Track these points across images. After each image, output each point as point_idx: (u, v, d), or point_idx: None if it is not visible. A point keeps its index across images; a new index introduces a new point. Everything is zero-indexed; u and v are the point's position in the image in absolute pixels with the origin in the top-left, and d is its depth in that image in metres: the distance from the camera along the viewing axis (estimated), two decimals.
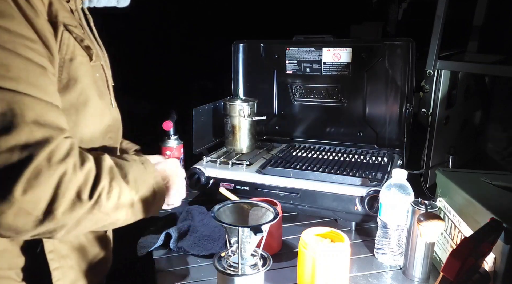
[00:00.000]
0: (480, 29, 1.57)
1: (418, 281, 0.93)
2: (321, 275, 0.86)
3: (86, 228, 0.70)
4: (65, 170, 0.63)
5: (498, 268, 0.76)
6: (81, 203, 0.65)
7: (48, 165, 0.61)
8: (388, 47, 1.35)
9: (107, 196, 0.68)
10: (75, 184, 0.64)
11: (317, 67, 1.46)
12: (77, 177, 0.64)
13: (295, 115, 1.56)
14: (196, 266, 1.01)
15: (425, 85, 1.34)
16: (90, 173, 0.67)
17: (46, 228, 0.63)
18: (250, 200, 0.87)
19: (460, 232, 0.88)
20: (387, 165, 1.29)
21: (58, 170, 0.62)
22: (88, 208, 0.66)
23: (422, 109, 1.35)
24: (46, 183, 0.61)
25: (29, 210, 0.60)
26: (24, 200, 0.59)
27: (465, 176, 0.96)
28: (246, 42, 1.55)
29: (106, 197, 0.68)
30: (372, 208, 1.07)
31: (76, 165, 0.65)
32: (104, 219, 0.70)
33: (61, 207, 0.62)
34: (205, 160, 1.35)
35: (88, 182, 0.66)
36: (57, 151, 0.63)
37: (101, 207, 0.68)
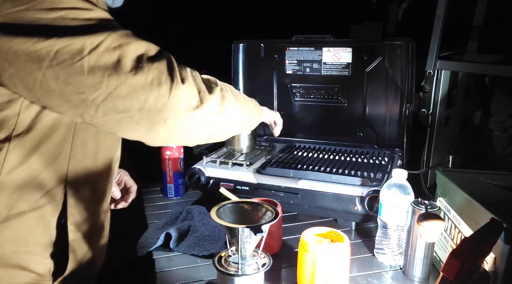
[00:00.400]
0: (480, 29, 1.57)
1: (418, 281, 0.93)
2: (321, 275, 0.86)
3: (227, 114, 0.81)
4: (190, 69, 0.75)
5: (498, 268, 0.76)
6: (214, 88, 0.77)
7: (180, 64, 0.73)
8: (388, 47, 1.35)
9: (225, 88, 0.82)
10: (199, 76, 0.76)
11: (317, 67, 1.46)
12: (197, 73, 0.77)
13: (295, 115, 1.56)
14: (196, 266, 1.01)
15: (425, 85, 1.34)
16: (203, 75, 0.79)
17: (205, 111, 0.74)
18: (250, 200, 0.87)
19: (460, 232, 0.88)
20: (387, 165, 1.28)
21: (187, 68, 0.74)
22: (219, 93, 0.78)
23: (422, 109, 1.36)
24: (188, 75, 0.72)
25: (191, 93, 0.72)
26: (185, 87, 0.70)
27: (465, 176, 0.96)
28: (246, 42, 1.55)
29: (224, 88, 0.81)
30: (372, 208, 1.07)
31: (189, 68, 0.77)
32: (232, 104, 0.82)
33: (206, 93, 0.75)
34: (205, 160, 1.35)
35: (208, 77, 0.80)
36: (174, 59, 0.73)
37: (226, 94, 0.81)
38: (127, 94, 0.66)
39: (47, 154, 0.75)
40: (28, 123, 0.71)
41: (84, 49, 0.64)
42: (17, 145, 0.71)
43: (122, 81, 0.65)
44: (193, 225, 1.13)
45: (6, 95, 0.68)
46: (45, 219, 0.78)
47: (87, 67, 0.64)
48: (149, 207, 1.35)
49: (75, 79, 0.64)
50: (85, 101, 0.66)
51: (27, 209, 0.75)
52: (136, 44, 0.68)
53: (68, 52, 0.63)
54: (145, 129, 0.70)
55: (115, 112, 0.67)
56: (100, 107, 0.66)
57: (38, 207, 0.76)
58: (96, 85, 0.65)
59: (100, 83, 0.65)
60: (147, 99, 0.67)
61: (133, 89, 0.66)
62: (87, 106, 0.66)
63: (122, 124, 0.69)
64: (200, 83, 0.74)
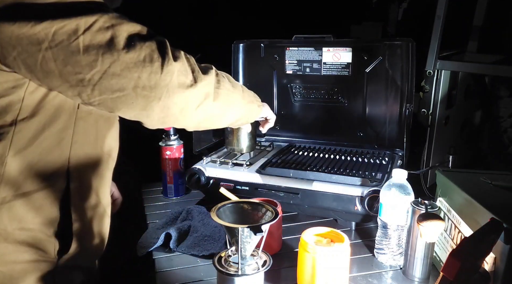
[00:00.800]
0: (480, 29, 1.57)
1: (418, 281, 0.93)
2: (321, 275, 0.86)
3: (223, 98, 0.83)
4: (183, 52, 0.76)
5: (498, 268, 0.76)
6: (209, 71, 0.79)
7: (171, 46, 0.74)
8: (388, 47, 1.35)
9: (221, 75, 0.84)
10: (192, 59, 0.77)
11: (317, 67, 1.46)
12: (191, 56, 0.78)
13: (295, 115, 1.56)
14: (196, 266, 1.01)
15: (425, 85, 1.34)
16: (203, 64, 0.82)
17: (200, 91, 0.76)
18: (250, 200, 0.87)
19: (460, 232, 0.88)
20: (387, 165, 1.29)
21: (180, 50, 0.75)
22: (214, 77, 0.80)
23: (422, 109, 1.35)
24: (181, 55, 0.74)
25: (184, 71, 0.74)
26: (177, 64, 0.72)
27: (465, 176, 0.96)
28: (246, 42, 1.55)
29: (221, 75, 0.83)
30: (372, 208, 1.07)
31: None
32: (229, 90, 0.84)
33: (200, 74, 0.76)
34: (205, 160, 1.35)
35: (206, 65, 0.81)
36: None
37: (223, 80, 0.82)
38: (121, 72, 0.69)
39: (51, 139, 0.78)
40: (32, 108, 0.75)
41: (79, 29, 0.67)
42: (22, 129, 0.75)
43: (116, 59, 0.68)
44: (193, 225, 1.13)
45: (12, 81, 0.72)
46: (49, 200, 0.81)
47: (82, 47, 0.67)
48: (149, 207, 1.35)
49: (72, 59, 0.67)
50: (82, 81, 0.69)
51: (32, 190, 0.78)
52: (128, 24, 0.71)
53: (65, 33, 0.66)
54: (141, 108, 0.73)
55: (110, 92, 0.70)
56: (96, 86, 0.69)
57: (42, 188, 0.80)
58: (92, 64, 0.68)
59: (95, 61, 0.67)
60: (141, 77, 0.69)
61: (126, 67, 0.69)
62: (84, 86, 0.69)
63: (118, 103, 0.72)
64: (194, 65, 0.77)
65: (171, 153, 1.37)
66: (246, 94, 0.95)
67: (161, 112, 0.74)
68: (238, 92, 0.89)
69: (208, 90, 0.78)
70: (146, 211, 1.33)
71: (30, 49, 0.67)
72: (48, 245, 0.83)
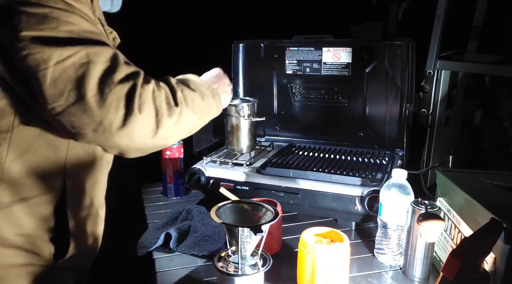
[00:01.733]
0: (480, 29, 1.56)
1: (418, 281, 0.93)
2: (321, 275, 0.86)
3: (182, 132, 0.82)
4: (153, 88, 0.74)
5: (498, 268, 0.76)
6: (172, 110, 0.77)
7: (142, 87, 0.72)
8: (388, 47, 1.35)
9: (185, 102, 0.80)
10: (163, 97, 0.75)
11: (317, 67, 1.46)
12: (162, 92, 0.76)
13: (295, 115, 1.56)
14: (196, 266, 1.01)
15: (425, 85, 1.34)
16: (166, 89, 0.78)
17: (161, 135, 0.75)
18: (250, 200, 0.87)
19: (460, 232, 0.88)
20: (387, 165, 1.28)
21: (148, 89, 0.73)
22: (179, 112, 0.78)
23: (422, 109, 1.35)
24: (147, 101, 0.72)
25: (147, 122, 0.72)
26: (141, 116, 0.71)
27: (465, 176, 0.96)
28: (246, 42, 1.55)
29: (185, 102, 0.80)
30: (372, 208, 1.07)
31: (156, 85, 0.76)
32: (190, 120, 0.82)
33: (164, 116, 0.74)
34: (205, 160, 1.35)
35: (169, 95, 0.77)
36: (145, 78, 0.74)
37: (186, 110, 0.80)
38: (83, 112, 0.67)
39: (48, 145, 0.79)
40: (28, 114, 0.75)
41: (50, 59, 0.66)
42: (19, 136, 0.75)
43: (80, 98, 0.67)
44: (193, 225, 1.13)
45: None
46: (46, 205, 0.82)
47: (49, 78, 0.66)
48: (149, 207, 1.35)
49: (36, 87, 0.66)
50: (45, 107, 0.68)
51: (29, 196, 0.79)
52: (105, 64, 0.69)
53: (34, 59, 0.65)
54: (98, 145, 0.75)
55: (70, 126, 0.69)
56: (57, 118, 0.68)
57: (40, 193, 0.80)
58: (56, 96, 0.66)
59: (60, 95, 0.66)
60: (102, 122, 0.68)
61: (89, 109, 0.67)
62: (46, 111, 0.68)
63: (76, 137, 0.72)
64: (159, 105, 0.74)
65: (171, 153, 1.37)
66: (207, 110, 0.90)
67: (119, 152, 0.76)
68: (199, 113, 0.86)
69: (168, 131, 0.77)
70: (146, 211, 1.33)
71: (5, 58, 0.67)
72: (45, 250, 0.83)
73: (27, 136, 0.76)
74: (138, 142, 0.73)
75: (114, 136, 0.70)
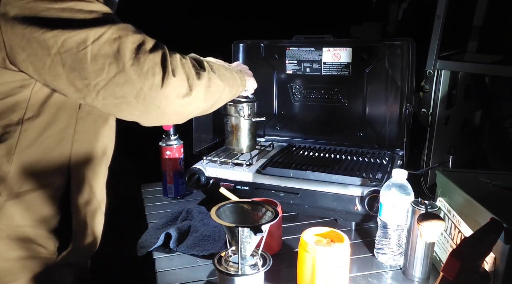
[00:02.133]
0: (480, 29, 1.57)
1: (418, 281, 0.93)
2: (321, 275, 0.86)
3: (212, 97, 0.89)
4: (180, 57, 0.81)
5: (498, 268, 0.76)
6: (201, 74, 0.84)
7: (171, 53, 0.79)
8: (388, 47, 1.35)
9: (212, 70, 0.89)
10: (190, 64, 0.83)
11: (317, 67, 1.46)
12: (188, 60, 0.83)
13: (295, 115, 1.56)
14: (196, 266, 1.01)
15: (425, 85, 1.34)
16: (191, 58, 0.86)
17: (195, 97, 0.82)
18: (250, 200, 0.87)
19: (460, 232, 0.88)
20: (387, 165, 1.28)
21: (176, 57, 0.80)
22: (207, 77, 0.85)
23: (422, 109, 1.36)
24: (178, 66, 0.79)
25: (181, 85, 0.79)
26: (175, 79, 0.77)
27: (465, 176, 0.96)
28: (246, 42, 1.55)
29: (211, 70, 0.88)
30: (372, 208, 1.07)
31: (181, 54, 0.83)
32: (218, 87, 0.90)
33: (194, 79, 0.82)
34: (205, 160, 1.35)
35: (195, 63, 0.85)
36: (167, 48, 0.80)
37: (214, 76, 0.88)
38: (125, 82, 0.73)
39: (53, 138, 0.81)
40: (37, 108, 0.78)
41: (87, 39, 0.71)
42: (28, 128, 0.78)
43: (121, 70, 0.73)
44: (193, 225, 1.12)
45: (19, 81, 0.75)
46: (51, 197, 0.83)
47: (90, 56, 0.71)
48: (149, 207, 1.35)
49: (79, 66, 0.72)
50: (87, 86, 0.73)
51: (35, 187, 0.81)
52: (134, 36, 0.75)
53: (74, 41, 0.71)
54: (140, 112, 0.78)
55: (113, 98, 0.75)
56: (101, 92, 0.74)
57: (45, 185, 0.82)
58: (98, 72, 0.72)
59: (101, 70, 0.72)
60: (143, 88, 0.74)
61: (129, 78, 0.73)
62: (89, 91, 0.74)
63: (120, 108, 0.77)
64: (189, 70, 0.81)
65: (171, 153, 1.37)
66: (232, 81, 1.00)
67: (158, 116, 0.80)
68: (226, 83, 0.95)
69: (201, 93, 0.84)
70: (146, 211, 1.33)
71: (39, 52, 0.71)
72: (49, 241, 0.85)
73: (35, 129, 0.79)
74: (175, 104, 0.79)
75: (154, 100, 0.76)
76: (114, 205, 1.10)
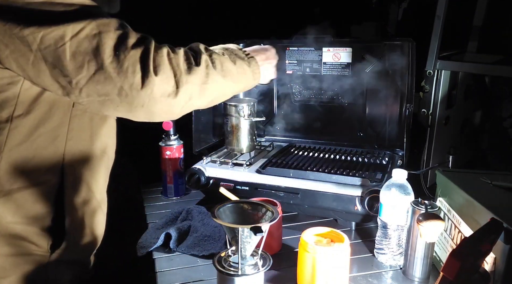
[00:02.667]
0: (480, 29, 1.56)
1: (418, 281, 0.93)
2: (321, 275, 0.86)
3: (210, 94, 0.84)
4: (167, 51, 0.77)
5: (498, 268, 0.76)
6: (193, 69, 0.79)
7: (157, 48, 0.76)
8: (388, 47, 1.35)
9: (213, 65, 0.83)
10: (181, 58, 0.78)
11: (317, 67, 1.46)
12: (179, 54, 0.78)
13: (295, 115, 1.56)
14: (196, 266, 1.01)
15: (425, 85, 1.34)
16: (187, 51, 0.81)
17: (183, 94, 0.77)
18: (250, 200, 0.87)
19: (460, 232, 0.88)
20: (387, 165, 1.28)
21: (162, 52, 0.76)
22: (204, 73, 0.81)
23: (422, 109, 1.35)
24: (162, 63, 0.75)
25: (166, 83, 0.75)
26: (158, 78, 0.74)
27: (465, 176, 0.96)
28: (246, 42, 1.55)
29: (212, 65, 0.83)
30: (372, 208, 1.07)
31: (171, 48, 0.79)
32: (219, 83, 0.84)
33: (183, 75, 0.77)
34: (205, 160, 1.35)
35: (189, 56, 0.80)
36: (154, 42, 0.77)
37: (213, 72, 0.83)
38: (105, 80, 0.72)
39: (45, 136, 0.80)
40: (28, 105, 0.77)
41: (65, 35, 0.70)
42: (18, 125, 0.77)
43: (100, 67, 0.71)
44: (193, 225, 1.12)
45: (7, 78, 0.74)
46: (43, 195, 0.83)
47: (69, 53, 0.70)
48: (149, 207, 1.35)
49: (59, 63, 0.70)
50: (70, 84, 0.72)
51: (27, 185, 0.81)
52: (115, 32, 0.73)
53: (52, 38, 0.69)
54: (126, 111, 0.76)
55: (97, 95, 0.73)
56: (83, 89, 0.73)
57: (38, 183, 0.81)
58: (78, 69, 0.71)
59: (81, 67, 0.71)
60: (123, 86, 0.72)
61: (109, 76, 0.72)
62: (72, 88, 0.73)
63: (104, 105, 0.75)
64: (177, 67, 0.77)
65: (171, 153, 1.36)
66: (240, 76, 0.92)
67: (146, 115, 0.78)
68: (230, 78, 0.88)
69: (192, 91, 0.80)
70: (146, 211, 1.33)
71: (21, 49, 0.70)
72: (42, 239, 0.84)
73: (26, 127, 0.78)
74: (161, 103, 0.76)
75: (136, 98, 0.73)
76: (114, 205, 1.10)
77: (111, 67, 0.71)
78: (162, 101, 0.76)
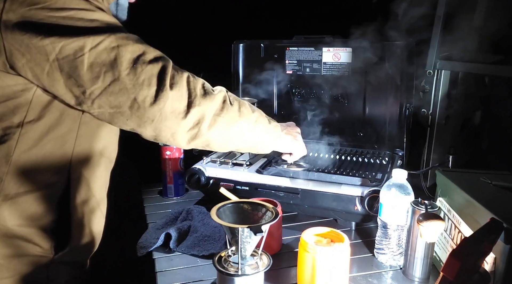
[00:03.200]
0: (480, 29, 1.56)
1: (418, 281, 0.93)
2: (321, 275, 0.86)
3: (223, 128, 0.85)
4: (188, 75, 0.80)
5: (498, 268, 0.76)
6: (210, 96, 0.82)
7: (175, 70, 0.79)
8: (388, 47, 1.35)
9: (230, 102, 0.86)
10: (199, 84, 0.81)
11: (317, 67, 1.46)
12: (198, 80, 0.82)
13: (295, 115, 1.56)
14: (196, 266, 1.01)
15: (425, 85, 1.34)
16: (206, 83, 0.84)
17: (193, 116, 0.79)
18: (250, 200, 0.87)
19: (460, 232, 0.88)
20: (387, 165, 1.28)
21: (184, 74, 0.79)
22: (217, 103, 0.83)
23: (422, 109, 1.35)
24: (181, 82, 0.78)
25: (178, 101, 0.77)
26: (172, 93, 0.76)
27: (465, 176, 0.96)
28: (246, 42, 1.55)
29: (229, 101, 0.86)
30: (372, 208, 1.07)
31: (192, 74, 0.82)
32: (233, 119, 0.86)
33: (197, 98, 0.79)
34: (205, 160, 1.35)
35: (209, 86, 0.83)
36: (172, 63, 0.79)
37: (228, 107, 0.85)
38: (119, 91, 0.74)
39: (55, 141, 0.81)
40: (39, 111, 0.78)
41: (85, 46, 0.72)
42: (28, 131, 0.78)
43: (116, 78, 0.73)
44: (193, 225, 1.12)
45: (21, 84, 0.76)
46: (49, 198, 0.84)
47: (86, 63, 0.72)
48: (149, 207, 1.35)
49: (75, 73, 0.72)
50: (83, 94, 0.74)
51: (34, 188, 0.82)
52: (134, 46, 0.75)
53: (71, 48, 0.71)
54: (135, 125, 0.78)
55: (108, 106, 0.75)
56: (96, 100, 0.75)
57: (44, 187, 0.82)
58: (94, 80, 0.73)
59: (97, 78, 0.73)
60: (137, 98, 0.74)
61: (124, 87, 0.73)
62: (85, 98, 0.75)
63: (115, 118, 0.77)
64: (194, 89, 0.79)
65: (171, 153, 1.37)
66: (260, 125, 0.95)
67: (153, 132, 0.80)
68: (246, 122, 0.89)
69: (202, 116, 0.81)
70: (146, 211, 1.33)
71: (38, 58, 0.72)
72: (46, 241, 0.85)
73: (36, 132, 0.79)
74: (170, 121, 0.77)
75: (147, 112, 0.76)
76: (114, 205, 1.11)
77: (127, 79, 0.73)
78: (171, 118, 0.77)
